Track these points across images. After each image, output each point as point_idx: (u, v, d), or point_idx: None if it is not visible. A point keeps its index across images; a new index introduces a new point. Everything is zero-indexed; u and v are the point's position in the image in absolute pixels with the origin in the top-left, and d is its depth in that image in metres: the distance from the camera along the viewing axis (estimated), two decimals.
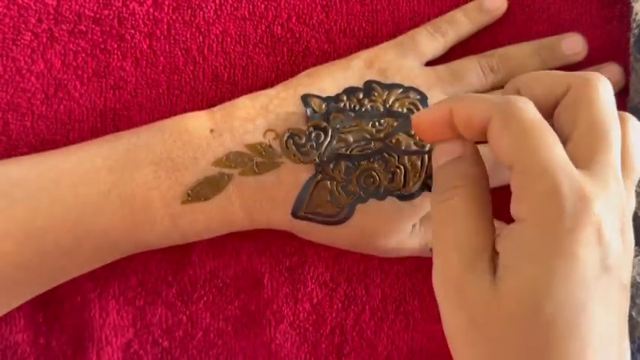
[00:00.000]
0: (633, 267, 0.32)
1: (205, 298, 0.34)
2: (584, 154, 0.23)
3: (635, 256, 0.32)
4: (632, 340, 0.32)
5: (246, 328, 0.34)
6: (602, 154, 0.23)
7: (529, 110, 0.23)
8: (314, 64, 0.34)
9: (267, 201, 0.30)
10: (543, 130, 0.23)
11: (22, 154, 0.32)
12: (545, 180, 0.22)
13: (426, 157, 0.30)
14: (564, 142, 0.23)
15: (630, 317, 0.32)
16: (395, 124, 0.30)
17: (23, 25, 0.32)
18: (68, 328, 0.33)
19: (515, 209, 0.23)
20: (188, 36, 0.34)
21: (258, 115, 0.30)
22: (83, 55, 0.33)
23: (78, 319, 0.33)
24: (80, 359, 0.33)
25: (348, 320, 0.35)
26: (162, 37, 0.33)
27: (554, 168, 0.22)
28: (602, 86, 0.24)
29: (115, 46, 0.33)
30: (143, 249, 0.30)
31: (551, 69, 0.33)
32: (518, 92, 0.26)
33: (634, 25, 0.33)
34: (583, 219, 0.21)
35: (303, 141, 0.30)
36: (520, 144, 0.22)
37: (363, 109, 0.30)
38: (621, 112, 0.25)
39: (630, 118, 0.25)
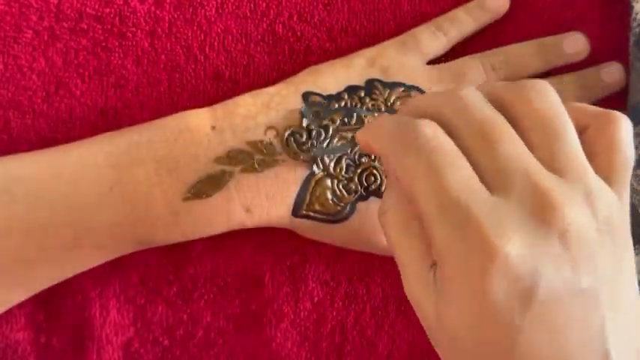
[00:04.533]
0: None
1: (206, 297, 0.34)
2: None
3: (637, 254, 0.32)
4: None
5: (246, 327, 0.34)
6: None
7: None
8: (315, 63, 0.34)
9: (268, 199, 0.30)
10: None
11: (23, 152, 0.32)
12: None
13: None
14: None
15: None
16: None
17: (24, 23, 0.32)
18: (69, 327, 0.33)
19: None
20: (189, 34, 0.34)
21: (259, 112, 0.30)
22: (84, 53, 0.33)
23: (78, 317, 0.33)
24: (81, 358, 0.33)
25: (349, 319, 0.35)
26: (163, 36, 0.33)
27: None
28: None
29: (117, 44, 0.33)
30: (144, 246, 0.30)
31: (553, 68, 0.33)
32: None
33: (634, 24, 0.34)
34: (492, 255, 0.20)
35: (304, 139, 0.30)
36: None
37: (365, 108, 0.30)
38: (612, 112, 0.23)
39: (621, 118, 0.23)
